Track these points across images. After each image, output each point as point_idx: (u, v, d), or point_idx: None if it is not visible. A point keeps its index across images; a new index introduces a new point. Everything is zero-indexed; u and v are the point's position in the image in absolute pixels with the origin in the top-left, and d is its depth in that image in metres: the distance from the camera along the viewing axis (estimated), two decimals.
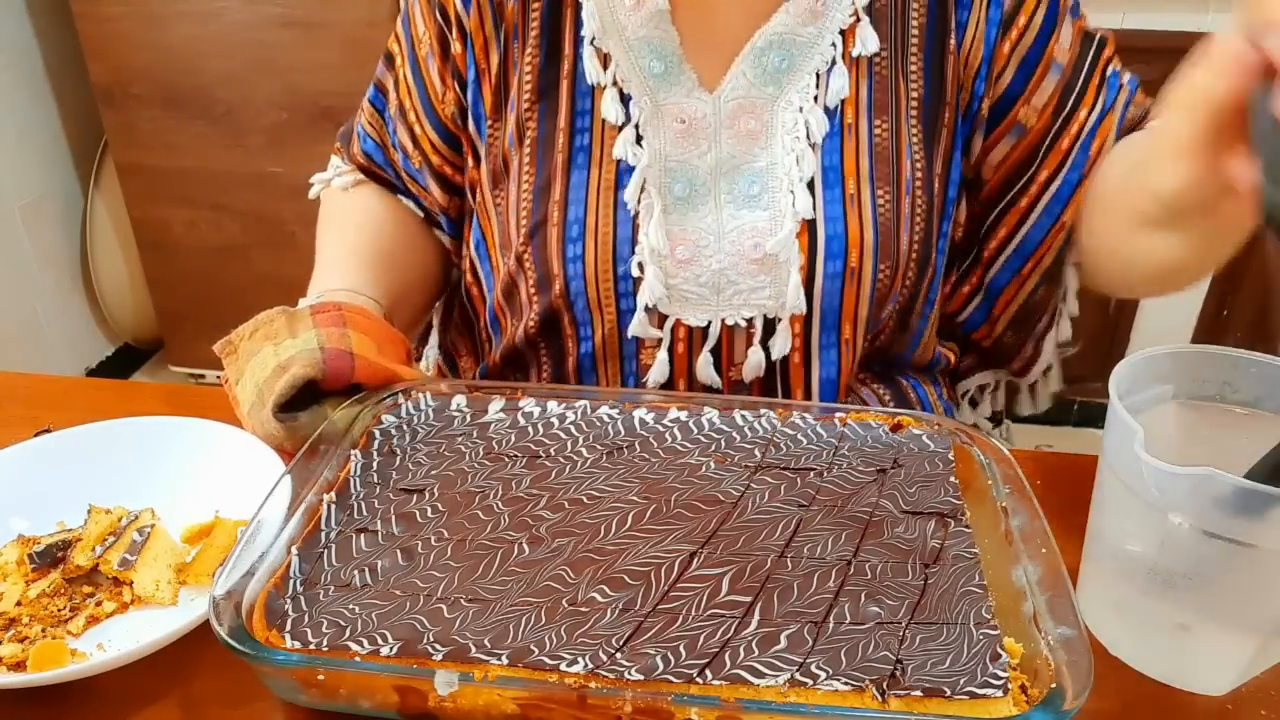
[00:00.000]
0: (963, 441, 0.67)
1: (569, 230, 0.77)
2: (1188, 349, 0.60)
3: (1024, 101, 0.78)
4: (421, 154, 0.88)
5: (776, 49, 0.75)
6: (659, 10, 0.75)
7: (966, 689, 0.48)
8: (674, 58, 0.76)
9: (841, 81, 0.75)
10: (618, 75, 0.77)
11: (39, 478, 0.70)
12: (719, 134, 0.76)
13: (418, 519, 0.61)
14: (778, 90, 0.76)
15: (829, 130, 0.75)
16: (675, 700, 0.47)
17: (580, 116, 0.78)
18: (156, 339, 2.54)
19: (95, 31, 2.08)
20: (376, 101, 0.91)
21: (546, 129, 0.78)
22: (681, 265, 0.76)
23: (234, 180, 2.18)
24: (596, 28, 0.77)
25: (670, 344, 0.78)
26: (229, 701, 0.55)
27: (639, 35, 0.76)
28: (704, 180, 0.77)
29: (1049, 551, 0.55)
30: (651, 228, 0.75)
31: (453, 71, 0.83)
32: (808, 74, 0.76)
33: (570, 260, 0.77)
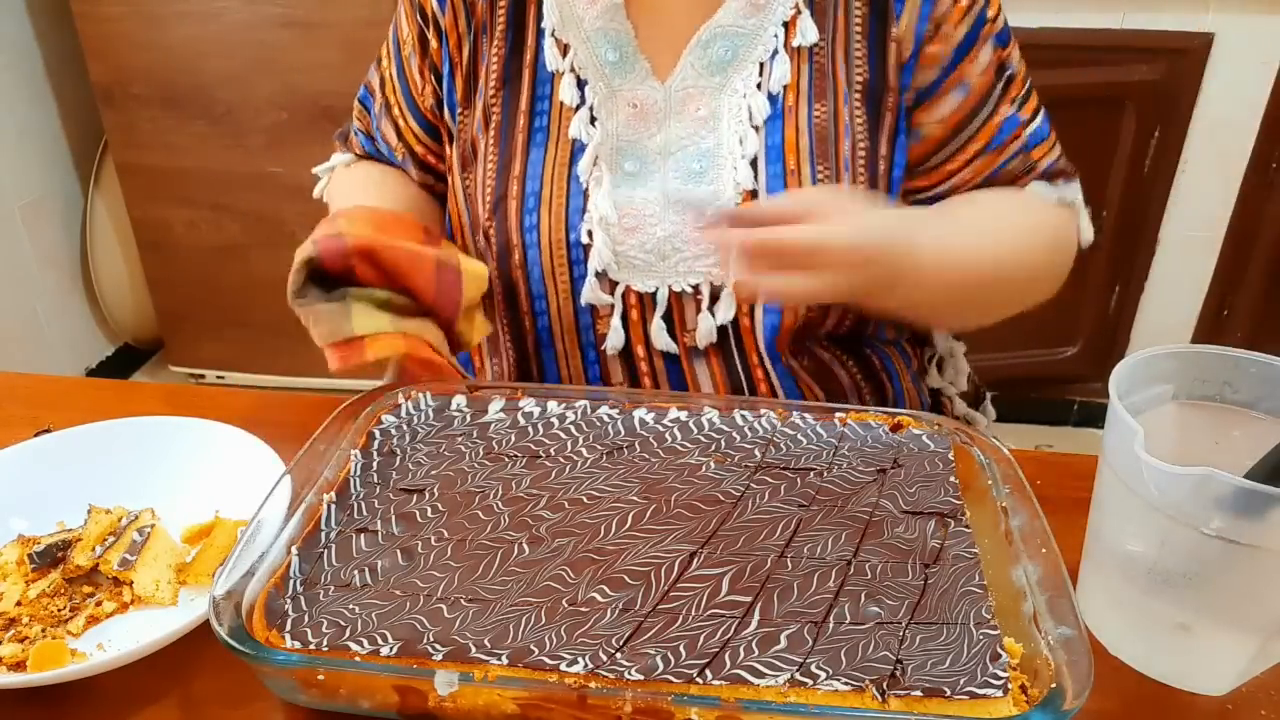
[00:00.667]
0: (963, 441, 0.67)
1: (526, 202, 0.82)
2: (1188, 349, 0.60)
3: (926, 109, 0.81)
4: (406, 145, 0.94)
5: (721, 40, 0.80)
6: (614, 4, 0.81)
7: (966, 689, 0.48)
8: (628, 48, 0.82)
9: (783, 69, 0.80)
10: (575, 63, 0.83)
11: (39, 478, 0.70)
12: (668, 119, 0.82)
13: (418, 519, 0.61)
14: (724, 79, 0.81)
15: (771, 114, 0.80)
16: (675, 700, 0.47)
17: (540, 100, 0.84)
18: (156, 339, 2.54)
19: (95, 31, 2.08)
20: (365, 101, 0.97)
21: (509, 112, 0.84)
22: (628, 233, 0.80)
23: (234, 180, 2.18)
24: (556, 20, 0.83)
25: (624, 311, 0.82)
26: (229, 701, 0.55)
27: (595, 27, 0.82)
28: (653, 159, 0.82)
29: (1049, 551, 0.55)
30: (599, 197, 0.80)
31: (430, 66, 0.89)
32: (751, 63, 0.80)
33: (527, 230, 0.82)
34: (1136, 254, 2.08)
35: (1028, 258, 0.81)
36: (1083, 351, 2.16)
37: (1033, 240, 0.82)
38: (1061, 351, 2.17)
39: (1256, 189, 1.98)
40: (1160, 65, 1.87)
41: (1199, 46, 1.87)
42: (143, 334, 2.55)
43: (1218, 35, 1.85)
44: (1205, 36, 1.86)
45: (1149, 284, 2.11)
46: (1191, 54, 1.87)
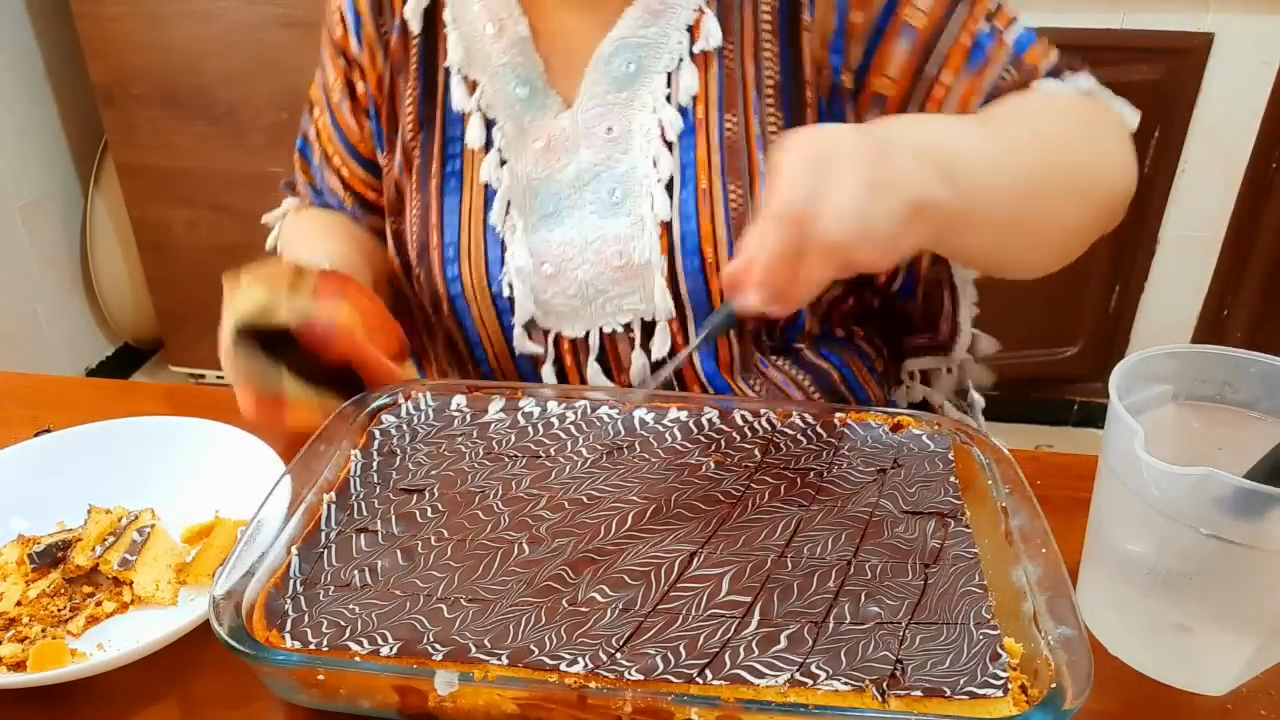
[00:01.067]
0: (963, 441, 0.67)
1: (446, 252, 0.80)
2: (1188, 349, 0.60)
3: (878, 71, 0.74)
4: (354, 193, 0.91)
5: (623, 54, 0.75)
6: (521, 37, 0.77)
7: (966, 689, 0.48)
8: (539, 82, 0.78)
9: (691, 78, 0.75)
10: (482, 102, 0.79)
11: (39, 478, 0.70)
12: (578, 146, 0.78)
13: (418, 519, 0.61)
14: (631, 94, 0.76)
15: (683, 128, 0.75)
16: (675, 700, 0.47)
17: (451, 144, 0.81)
18: (156, 339, 2.54)
19: (95, 31, 2.08)
20: (305, 152, 0.95)
21: (426, 157, 0.82)
22: (549, 280, 0.78)
23: (234, 180, 2.18)
24: (461, 57, 0.79)
25: (557, 356, 0.81)
26: (229, 701, 0.55)
27: (502, 62, 0.78)
28: (568, 194, 0.78)
29: (1049, 551, 0.55)
30: (515, 247, 0.78)
31: (362, 109, 0.87)
32: (657, 74, 0.76)
33: (451, 281, 0.80)
34: (1136, 254, 2.08)
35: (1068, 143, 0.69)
36: (1083, 351, 2.16)
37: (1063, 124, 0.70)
38: (1061, 351, 2.17)
39: (1256, 189, 1.98)
40: (1160, 65, 1.87)
41: (1199, 46, 1.87)
42: (143, 334, 2.55)
43: (1218, 35, 1.86)
44: (1205, 36, 1.86)
45: (1149, 284, 2.11)
46: (1191, 54, 1.88)
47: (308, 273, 0.74)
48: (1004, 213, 0.65)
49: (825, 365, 0.84)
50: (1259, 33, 1.86)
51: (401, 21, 0.81)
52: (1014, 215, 0.66)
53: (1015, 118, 0.70)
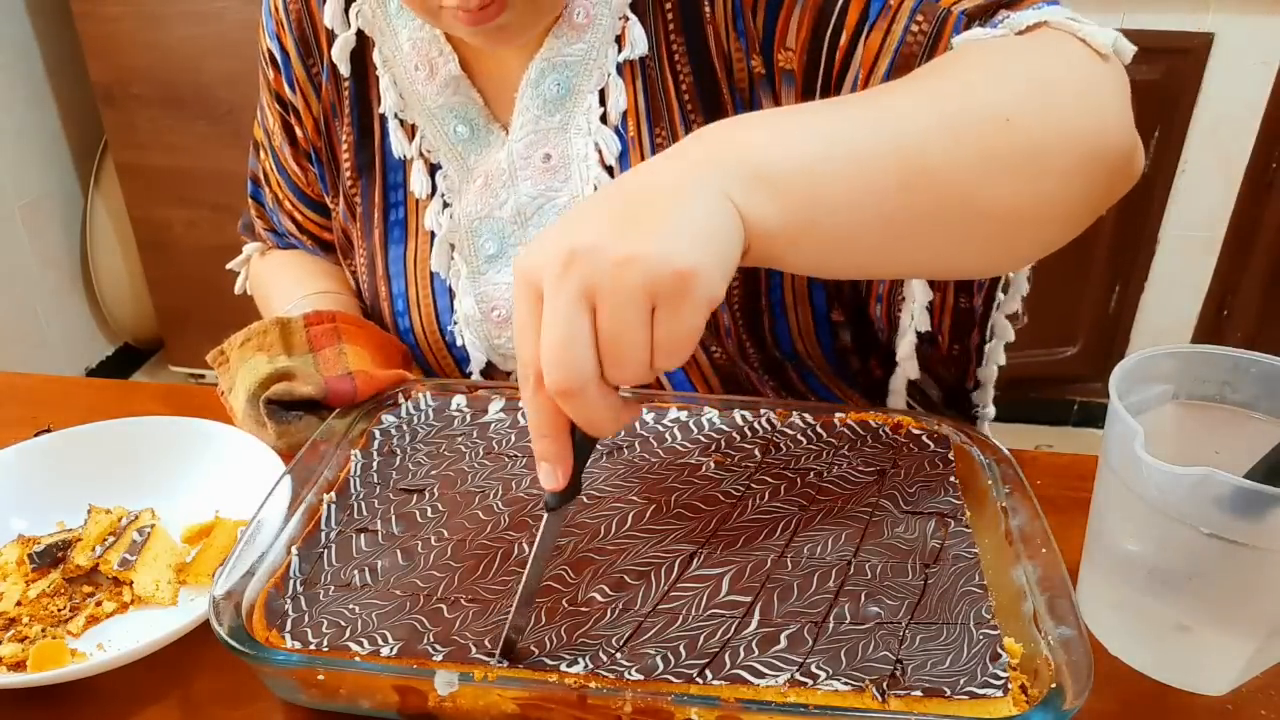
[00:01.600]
0: (963, 441, 0.67)
1: (395, 304, 0.78)
2: (1188, 349, 0.60)
3: (779, 45, 0.67)
4: (310, 235, 0.90)
5: (550, 75, 0.72)
6: (454, 76, 0.74)
7: (966, 689, 0.48)
8: (479, 119, 0.75)
9: (619, 93, 0.71)
10: (424, 146, 0.76)
11: (39, 478, 0.70)
12: (515, 180, 0.74)
13: (418, 519, 0.61)
14: (565, 116, 0.72)
15: (620, 150, 0.72)
16: (675, 700, 0.47)
17: (393, 190, 0.78)
18: (156, 339, 2.54)
19: (95, 31, 2.08)
20: (257, 196, 0.92)
21: (367, 205, 0.79)
22: (500, 325, 0.75)
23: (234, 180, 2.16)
24: (396, 101, 0.76)
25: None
26: (229, 701, 0.55)
27: (439, 103, 0.75)
28: (510, 231, 0.75)
29: (1049, 551, 0.55)
30: (462, 295, 0.75)
31: (304, 153, 0.84)
32: (589, 93, 0.72)
33: (404, 332, 0.78)
34: (1136, 254, 2.08)
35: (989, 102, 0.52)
36: (1083, 351, 2.16)
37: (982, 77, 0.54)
38: (1061, 351, 2.17)
39: (1256, 189, 1.98)
40: (1160, 65, 1.87)
41: (1199, 46, 1.87)
42: (143, 334, 2.55)
43: (1218, 35, 1.86)
44: (1205, 36, 1.86)
45: (1149, 284, 2.11)
46: (1191, 54, 1.88)
47: (294, 325, 0.74)
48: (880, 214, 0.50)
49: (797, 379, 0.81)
50: (1259, 33, 1.86)
51: (330, 65, 0.78)
52: (904, 213, 0.51)
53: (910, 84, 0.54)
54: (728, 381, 0.79)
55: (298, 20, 0.79)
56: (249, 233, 0.96)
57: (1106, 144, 0.55)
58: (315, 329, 0.74)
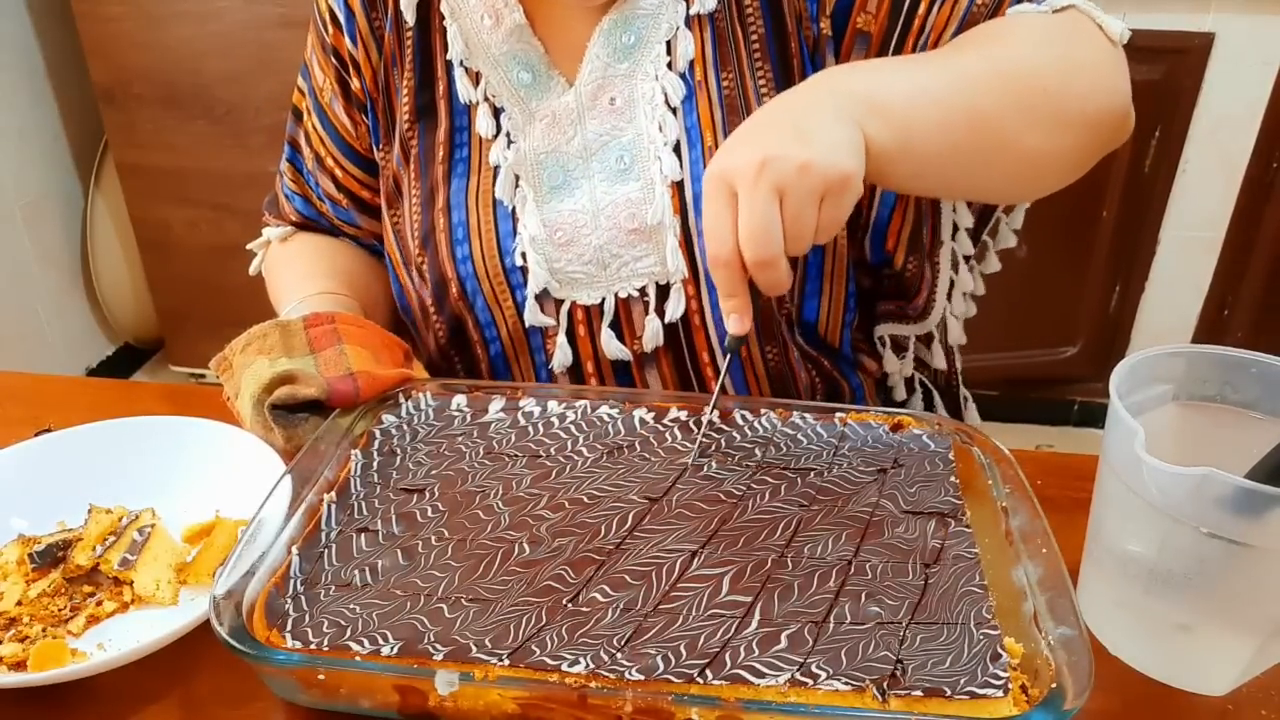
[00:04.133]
0: (963, 441, 0.67)
1: (454, 233, 0.81)
2: (1188, 349, 0.60)
3: (858, 9, 0.75)
4: (348, 194, 0.91)
5: (622, 26, 0.78)
6: (518, 25, 0.79)
7: (967, 689, 0.48)
8: (541, 66, 0.80)
9: (687, 43, 0.77)
10: (489, 91, 0.80)
11: (39, 478, 0.70)
12: (583, 119, 0.79)
13: (418, 519, 0.61)
14: (633, 64, 0.78)
15: (685, 93, 0.78)
16: (676, 700, 0.47)
17: (458, 133, 0.82)
18: (157, 339, 2.54)
19: (95, 31, 2.08)
20: (294, 160, 0.95)
21: (427, 144, 0.82)
22: (562, 248, 0.79)
23: (234, 180, 2.18)
24: (462, 49, 0.80)
25: (570, 327, 0.81)
26: (229, 701, 0.55)
27: (503, 51, 0.79)
28: (575, 164, 0.80)
29: (1049, 551, 0.55)
30: (527, 217, 0.79)
31: (357, 105, 0.87)
32: (657, 44, 0.78)
33: (460, 261, 0.81)
34: (1137, 254, 2.08)
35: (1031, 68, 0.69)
36: (1083, 351, 2.16)
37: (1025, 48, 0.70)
38: (1061, 351, 2.17)
39: (1257, 189, 1.98)
40: (1160, 65, 1.87)
41: (1199, 46, 1.87)
42: (143, 334, 2.55)
43: (1218, 35, 1.85)
44: (1205, 36, 1.86)
45: (1149, 284, 2.11)
46: (1192, 54, 1.87)
47: (294, 327, 0.74)
48: (951, 144, 0.66)
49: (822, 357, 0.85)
50: (1259, 33, 1.85)
51: (395, 14, 0.82)
52: (966, 146, 0.67)
53: (973, 47, 0.70)
54: (777, 383, 0.84)
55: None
56: (273, 209, 0.98)
57: (1112, 110, 0.72)
58: (315, 330, 0.74)
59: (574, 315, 0.81)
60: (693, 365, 0.81)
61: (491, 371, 0.86)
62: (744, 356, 0.82)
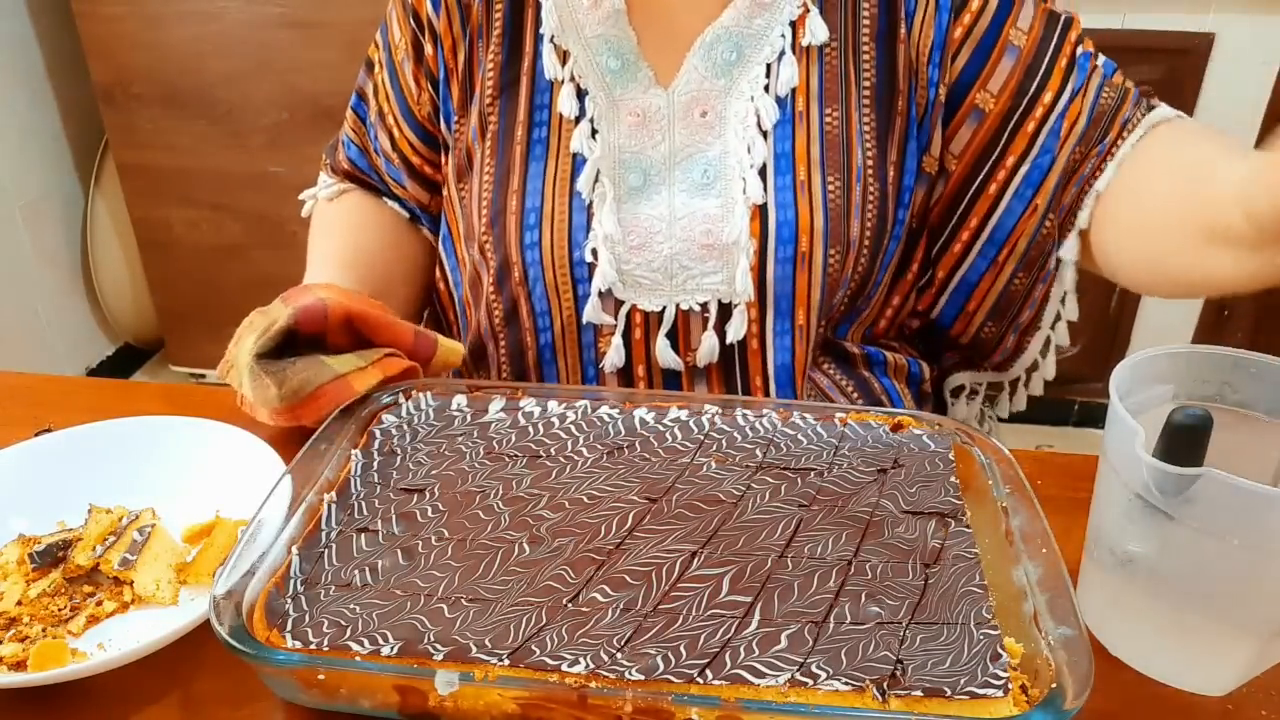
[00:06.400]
0: (963, 441, 0.67)
1: (526, 218, 0.80)
2: (1188, 349, 0.60)
3: (980, 86, 0.78)
4: (400, 155, 0.91)
5: (726, 42, 0.78)
6: (616, 10, 0.79)
7: (967, 689, 0.48)
8: (631, 55, 0.79)
9: (791, 71, 0.77)
10: (575, 71, 0.80)
11: (39, 478, 0.70)
12: (673, 126, 0.79)
13: (418, 519, 0.61)
14: (729, 82, 0.78)
15: (780, 118, 0.77)
16: (676, 700, 0.47)
17: (539, 111, 0.81)
18: (157, 339, 2.54)
19: (95, 31, 2.08)
20: (359, 109, 0.95)
21: (507, 122, 0.82)
22: (634, 251, 0.79)
23: (234, 180, 2.18)
24: (555, 26, 0.80)
25: (626, 329, 0.81)
26: (229, 701, 0.55)
27: (596, 33, 0.79)
28: (658, 170, 0.80)
29: (1049, 551, 0.55)
30: (604, 215, 0.78)
31: (426, 73, 0.86)
32: (758, 65, 0.78)
33: (528, 247, 0.80)
34: None
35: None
36: (1083, 351, 2.16)
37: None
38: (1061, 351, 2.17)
39: None
40: (1161, 65, 1.87)
41: (1199, 46, 1.87)
42: (143, 334, 2.55)
43: (1218, 35, 1.85)
44: (1206, 36, 1.86)
45: None
46: (1192, 54, 1.87)
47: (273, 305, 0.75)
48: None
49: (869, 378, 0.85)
50: (1259, 33, 1.86)
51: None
52: None
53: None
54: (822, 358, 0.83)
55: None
56: (330, 155, 0.98)
57: None
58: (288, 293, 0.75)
59: (632, 319, 0.80)
60: (743, 387, 0.81)
61: (538, 361, 0.85)
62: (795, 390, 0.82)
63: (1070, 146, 0.78)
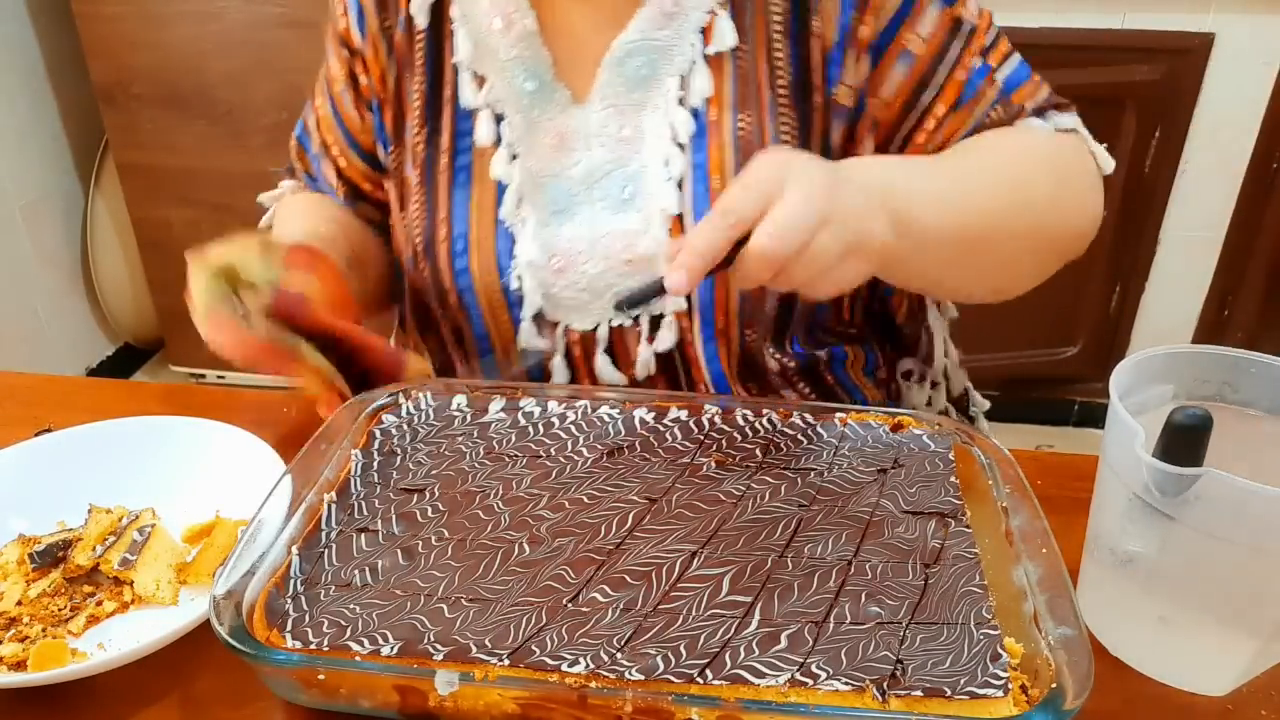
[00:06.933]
0: (963, 441, 0.67)
1: (455, 245, 0.80)
2: (1188, 349, 0.60)
3: (873, 93, 0.76)
4: (348, 184, 0.91)
5: (637, 56, 0.76)
6: (528, 31, 0.77)
7: (967, 689, 0.48)
8: (547, 75, 0.78)
9: (704, 81, 0.75)
10: (492, 97, 0.79)
11: (39, 478, 0.70)
12: (590, 144, 0.78)
13: (418, 519, 0.61)
14: (644, 95, 0.77)
15: (695, 129, 0.76)
16: (676, 700, 0.47)
17: (461, 138, 0.81)
18: (157, 339, 2.54)
19: (95, 31, 2.08)
20: (303, 140, 0.94)
21: (433, 151, 0.81)
22: (557, 274, 0.78)
23: (234, 180, 2.18)
24: (469, 52, 0.79)
25: (566, 349, 0.81)
26: (229, 701, 0.55)
27: (510, 56, 0.78)
28: (578, 190, 0.79)
29: (1049, 551, 0.55)
30: (525, 240, 0.78)
31: (364, 101, 0.86)
32: (671, 77, 0.76)
33: (459, 274, 0.80)
34: (1137, 254, 2.08)
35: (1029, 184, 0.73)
36: (1083, 351, 2.16)
37: (1028, 164, 0.75)
38: (1061, 351, 2.17)
39: (1257, 189, 1.98)
40: (1161, 65, 1.87)
41: (1199, 46, 1.87)
42: (143, 334, 2.55)
43: (1218, 35, 1.85)
44: (1206, 36, 1.86)
45: (1149, 284, 2.11)
46: (1192, 54, 1.87)
47: (276, 245, 0.74)
48: (953, 252, 0.70)
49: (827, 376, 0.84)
50: (1259, 33, 1.85)
51: (407, 16, 0.81)
52: (963, 253, 0.71)
53: (982, 156, 0.74)
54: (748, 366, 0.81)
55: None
56: (289, 174, 0.97)
57: (1084, 233, 0.78)
58: (295, 255, 0.74)
59: (569, 337, 0.80)
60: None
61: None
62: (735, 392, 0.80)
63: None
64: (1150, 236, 2.05)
